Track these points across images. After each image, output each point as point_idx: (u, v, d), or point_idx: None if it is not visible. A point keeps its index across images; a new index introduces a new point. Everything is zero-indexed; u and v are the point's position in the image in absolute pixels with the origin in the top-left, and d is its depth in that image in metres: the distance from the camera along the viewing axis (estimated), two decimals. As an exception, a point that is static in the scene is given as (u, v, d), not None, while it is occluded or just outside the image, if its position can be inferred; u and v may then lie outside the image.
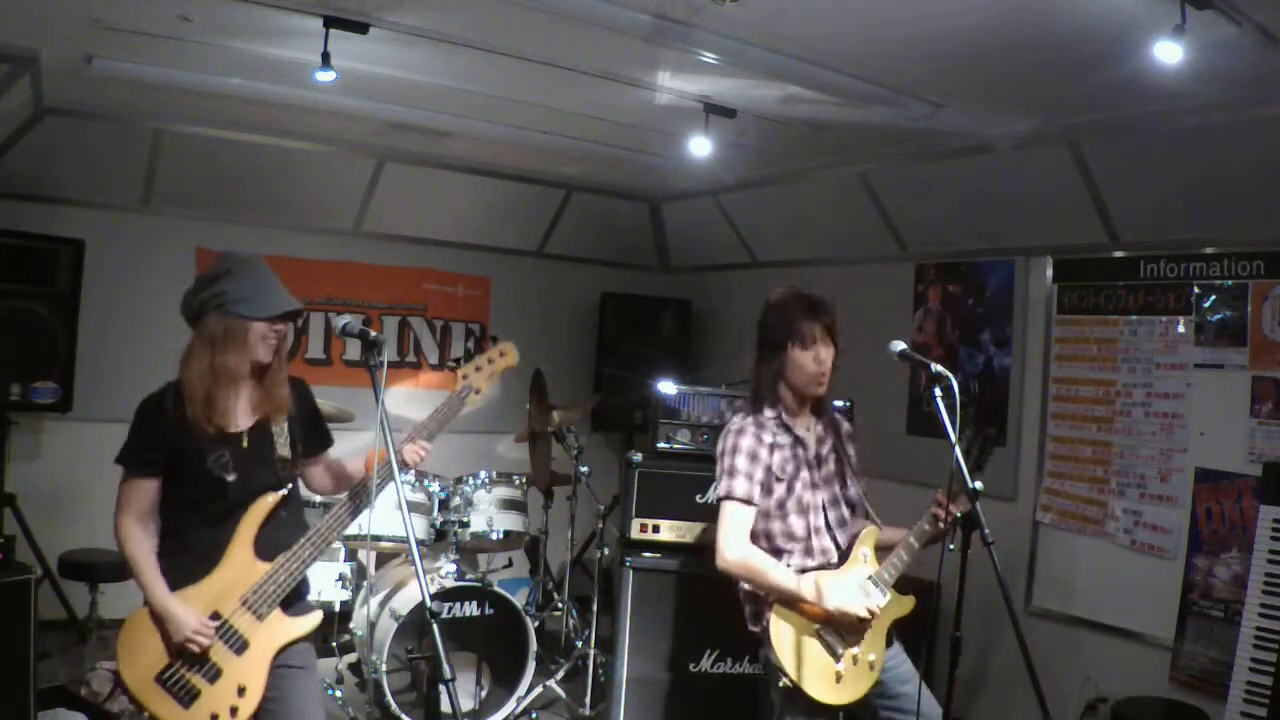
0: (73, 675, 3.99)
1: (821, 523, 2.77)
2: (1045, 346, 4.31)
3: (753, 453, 2.72)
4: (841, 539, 2.78)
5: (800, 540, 2.73)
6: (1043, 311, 4.32)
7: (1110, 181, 3.82)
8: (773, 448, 2.74)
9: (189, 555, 2.36)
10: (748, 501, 2.70)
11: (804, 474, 2.76)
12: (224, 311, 2.35)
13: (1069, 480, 4.17)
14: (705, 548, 3.73)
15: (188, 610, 2.30)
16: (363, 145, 5.18)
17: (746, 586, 2.76)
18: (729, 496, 2.70)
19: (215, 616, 2.33)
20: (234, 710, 2.31)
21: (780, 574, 2.64)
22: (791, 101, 3.80)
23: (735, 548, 2.66)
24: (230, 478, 2.37)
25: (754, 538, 2.72)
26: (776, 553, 2.71)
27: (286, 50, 3.53)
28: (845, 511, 2.84)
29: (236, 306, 2.34)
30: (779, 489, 2.73)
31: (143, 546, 2.34)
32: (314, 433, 2.65)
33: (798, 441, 2.78)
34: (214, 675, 2.31)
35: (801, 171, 5.08)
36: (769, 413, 2.79)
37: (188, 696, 2.29)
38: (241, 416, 2.44)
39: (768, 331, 2.81)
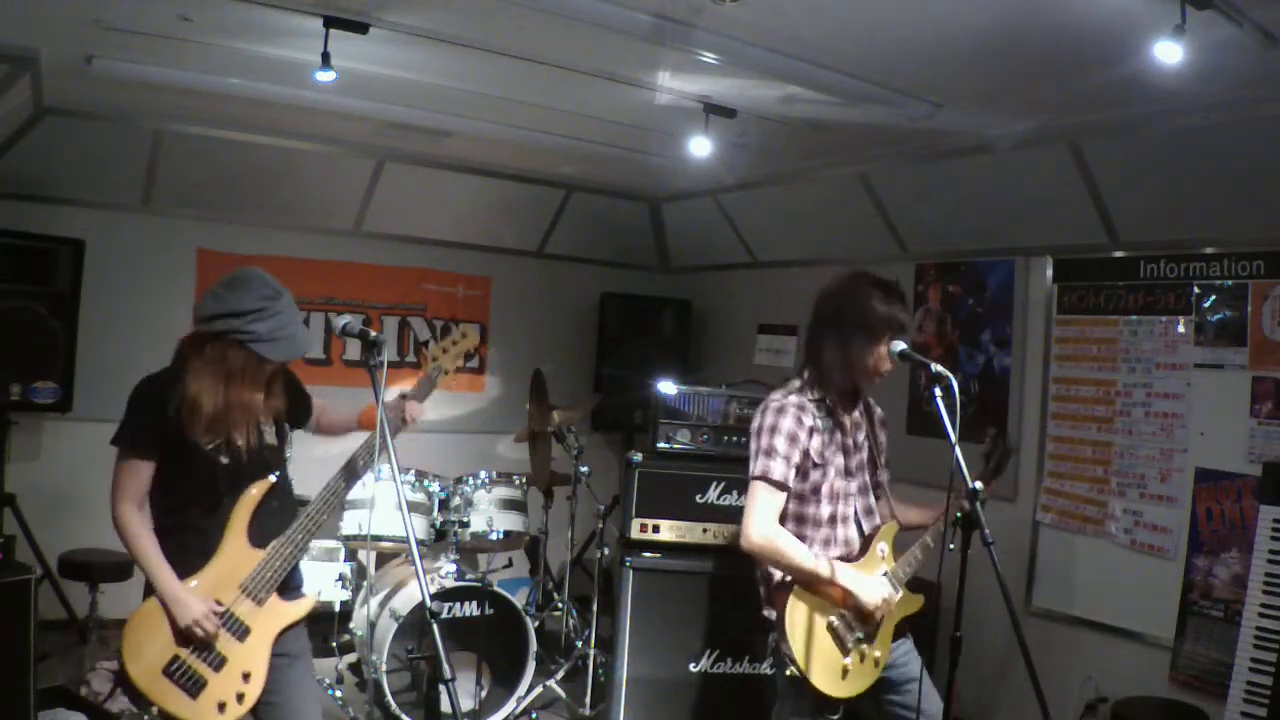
0: (73, 675, 3.99)
1: (851, 511, 2.74)
2: (1045, 346, 4.31)
3: (792, 435, 2.62)
4: (867, 528, 2.76)
5: (825, 527, 2.68)
6: (1043, 311, 4.32)
7: (1110, 181, 3.82)
8: (812, 431, 2.65)
9: (189, 550, 2.38)
10: (782, 486, 2.62)
11: (839, 460, 2.71)
12: (248, 349, 2.36)
13: (1069, 480, 4.16)
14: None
15: (194, 595, 2.32)
16: (363, 145, 5.18)
17: (766, 569, 2.72)
18: (764, 478, 2.61)
19: (219, 605, 2.35)
20: (240, 696, 2.34)
21: (806, 557, 2.59)
22: (791, 101, 3.79)
23: (762, 529, 2.59)
24: (224, 460, 2.41)
25: (781, 520, 2.66)
26: (800, 539, 2.66)
27: (286, 50, 3.53)
28: (873, 500, 2.81)
29: (261, 347, 2.36)
30: (815, 474, 2.66)
31: (146, 534, 2.35)
32: (299, 406, 2.72)
33: (838, 426, 2.72)
34: (219, 663, 2.34)
35: (801, 171, 5.08)
36: (813, 394, 2.70)
37: (195, 687, 2.30)
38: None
39: (871, 319, 2.63)
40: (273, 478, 2.50)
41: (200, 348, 2.38)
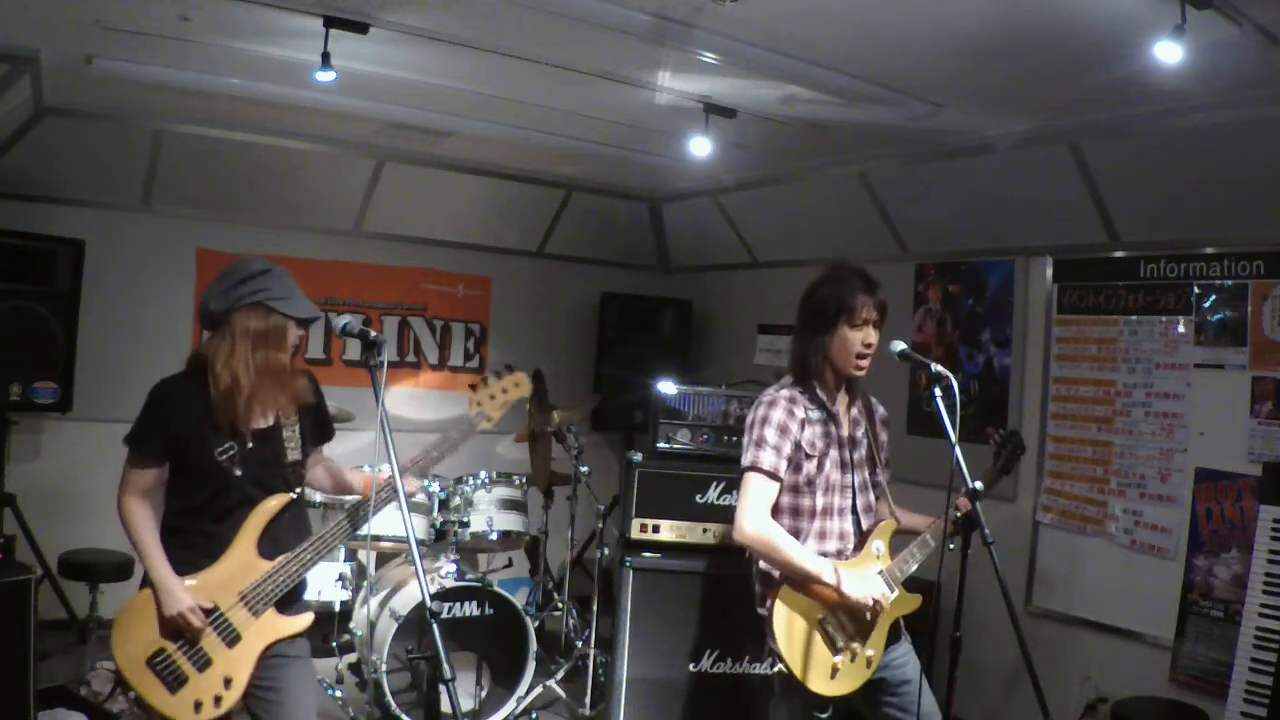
0: (73, 675, 3.99)
1: (848, 504, 2.73)
2: (1045, 346, 4.31)
3: (782, 426, 2.64)
4: (866, 524, 2.75)
5: (820, 518, 2.67)
6: (1043, 311, 4.32)
7: (1110, 181, 3.82)
8: (804, 423, 2.66)
9: (195, 550, 2.38)
10: (773, 475, 2.62)
11: (834, 453, 2.70)
12: (267, 308, 2.38)
13: (1069, 480, 4.17)
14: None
15: (184, 589, 2.33)
16: (363, 145, 5.18)
17: (762, 566, 2.70)
18: (754, 467, 2.63)
19: (214, 608, 2.36)
20: (218, 700, 2.35)
21: (799, 553, 2.58)
22: (791, 101, 3.79)
23: (754, 520, 2.59)
24: (237, 472, 2.40)
25: (776, 512, 2.66)
26: (795, 531, 2.65)
27: (286, 50, 3.53)
28: (872, 498, 2.80)
29: (278, 304, 2.39)
30: (808, 465, 2.66)
31: (147, 524, 2.37)
32: (320, 424, 2.68)
33: (830, 418, 2.72)
34: (203, 664, 2.35)
35: (801, 171, 5.08)
36: (803, 388, 2.71)
37: (175, 681, 2.32)
38: (260, 415, 2.47)
39: (818, 304, 2.68)
40: (294, 494, 2.50)
41: (220, 334, 2.38)
